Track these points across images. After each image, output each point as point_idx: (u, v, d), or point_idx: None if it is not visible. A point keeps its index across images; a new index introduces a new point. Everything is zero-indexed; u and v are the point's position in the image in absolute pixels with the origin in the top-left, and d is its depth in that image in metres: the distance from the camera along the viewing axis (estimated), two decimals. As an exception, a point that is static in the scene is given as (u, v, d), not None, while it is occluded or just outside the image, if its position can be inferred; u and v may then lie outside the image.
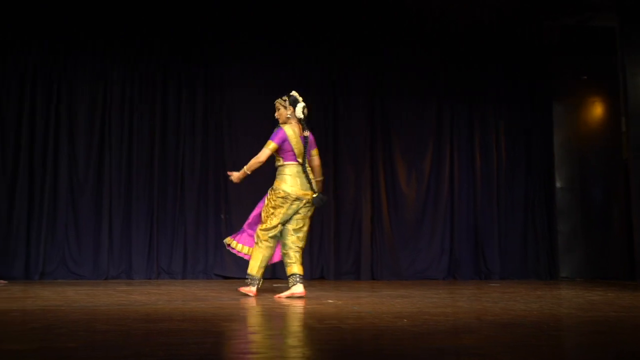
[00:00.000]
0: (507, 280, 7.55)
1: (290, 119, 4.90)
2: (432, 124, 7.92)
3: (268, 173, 5.18)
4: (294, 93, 5.00)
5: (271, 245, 4.81)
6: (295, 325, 3.22)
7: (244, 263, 7.14)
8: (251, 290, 4.75)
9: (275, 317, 3.46)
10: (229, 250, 7.17)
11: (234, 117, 7.38)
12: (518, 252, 7.92)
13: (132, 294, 4.81)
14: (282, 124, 4.91)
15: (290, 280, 4.74)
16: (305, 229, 4.85)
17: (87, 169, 6.96)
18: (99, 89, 7.07)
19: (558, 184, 8.06)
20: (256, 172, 4.97)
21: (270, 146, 4.82)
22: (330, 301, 4.47)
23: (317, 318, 3.56)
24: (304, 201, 4.78)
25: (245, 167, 4.86)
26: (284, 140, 4.80)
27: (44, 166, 6.83)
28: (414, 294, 5.18)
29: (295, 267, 4.75)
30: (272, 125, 7.46)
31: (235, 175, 4.89)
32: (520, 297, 4.92)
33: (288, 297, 4.64)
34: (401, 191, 7.74)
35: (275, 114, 4.99)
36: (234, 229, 7.19)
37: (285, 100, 4.95)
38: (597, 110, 8.18)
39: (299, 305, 4.11)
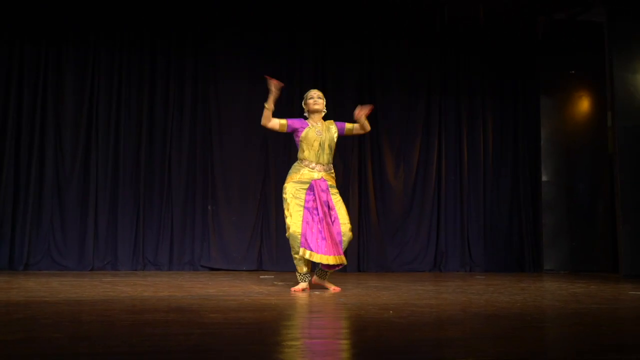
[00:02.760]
0: (492, 272, 7.61)
1: None
2: (420, 117, 7.95)
3: (257, 168, 5.12)
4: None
5: None
6: (279, 316, 3.23)
7: (230, 255, 7.18)
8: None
9: (261, 310, 3.46)
10: (214, 242, 7.19)
11: (222, 108, 7.36)
12: (503, 245, 7.99)
13: (117, 285, 4.80)
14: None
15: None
16: None
17: (73, 159, 6.91)
18: (86, 80, 7.02)
19: (544, 178, 8.12)
20: (247, 166, 4.88)
21: None
22: (316, 293, 4.48)
23: (303, 310, 3.57)
24: None
25: None
26: None
27: (30, 157, 6.78)
28: (400, 286, 5.21)
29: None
30: (260, 115, 7.47)
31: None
32: (505, 289, 4.97)
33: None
34: (389, 184, 7.77)
35: (322, 106, 4.86)
36: (221, 220, 7.20)
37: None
38: (583, 104, 8.24)
39: (286, 298, 4.12)
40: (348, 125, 4.89)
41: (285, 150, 7.35)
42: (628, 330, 3.01)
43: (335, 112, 7.74)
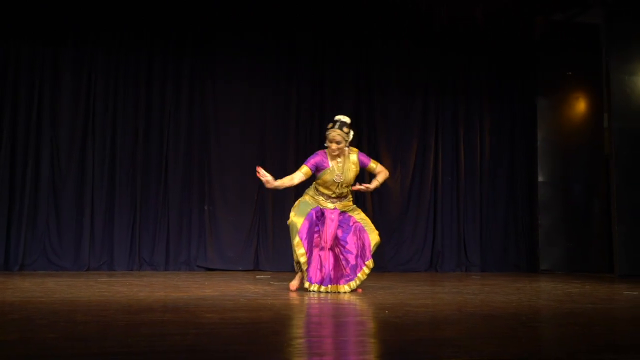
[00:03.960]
0: (488, 272, 7.63)
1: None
2: (417, 118, 7.96)
3: (254, 168, 5.10)
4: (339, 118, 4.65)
5: None
6: (276, 316, 3.23)
7: (226, 255, 7.18)
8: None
9: (257, 310, 3.46)
10: (211, 242, 7.19)
11: (219, 109, 7.35)
12: (499, 245, 8.00)
13: (113, 285, 4.79)
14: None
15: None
16: None
17: (69, 159, 6.88)
18: (82, 79, 6.97)
19: (540, 179, 8.14)
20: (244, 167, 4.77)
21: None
22: (312, 292, 4.48)
23: (299, 310, 3.58)
24: None
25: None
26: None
27: (26, 157, 6.73)
28: (396, 285, 5.22)
29: None
30: (257, 116, 7.49)
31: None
32: (500, 289, 4.98)
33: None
34: (385, 184, 7.75)
35: (339, 147, 4.59)
36: (218, 220, 7.20)
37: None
38: (580, 106, 8.26)
39: (282, 297, 4.12)
40: (372, 165, 4.76)
41: (283, 152, 7.37)
42: (623, 330, 3.03)
43: (333, 113, 7.76)
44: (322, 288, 4.44)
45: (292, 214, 4.61)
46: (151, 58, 7.21)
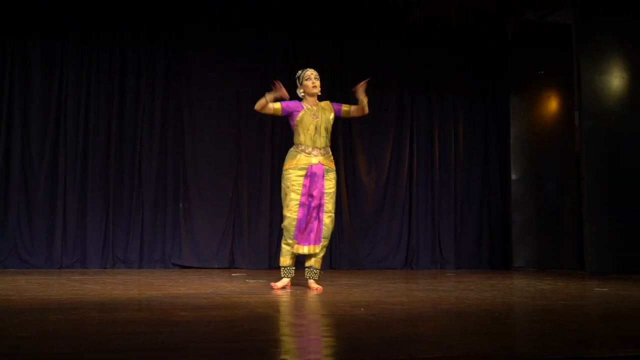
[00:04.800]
0: (463, 270, 7.70)
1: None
2: (392, 116, 8.00)
3: (229, 165, 5.06)
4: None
5: None
6: (251, 314, 3.22)
7: (201, 253, 7.12)
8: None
9: (232, 308, 3.45)
10: (186, 240, 7.13)
11: (194, 105, 7.29)
12: (473, 242, 8.09)
13: (86, 283, 4.73)
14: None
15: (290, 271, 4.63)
16: None
17: (41, 155, 6.76)
18: (54, 75, 6.85)
19: (513, 176, 8.24)
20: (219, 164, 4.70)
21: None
22: (288, 290, 4.48)
23: (274, 308, 3.57)
24: None
25: None
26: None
27: (-4, 154, 6.60)
28: (372, 283, 5.24)
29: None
30: (232, 113, 7.45)
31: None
32: (474, 286, 5.03)
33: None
34: (361, 181, 7.80)
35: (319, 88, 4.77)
36: (193, 217, 7.15)
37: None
38: (552, 104, 8.38)
39: (257, 295, 4.11)
40: (345, 107, 4.78)
41: (259, 148, 7.34)
42: (594, 326, 3.08)
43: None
44: (300, 249, 4.44)
45: (284, 208, 4.51)
46: (124, 54, 7.11)
